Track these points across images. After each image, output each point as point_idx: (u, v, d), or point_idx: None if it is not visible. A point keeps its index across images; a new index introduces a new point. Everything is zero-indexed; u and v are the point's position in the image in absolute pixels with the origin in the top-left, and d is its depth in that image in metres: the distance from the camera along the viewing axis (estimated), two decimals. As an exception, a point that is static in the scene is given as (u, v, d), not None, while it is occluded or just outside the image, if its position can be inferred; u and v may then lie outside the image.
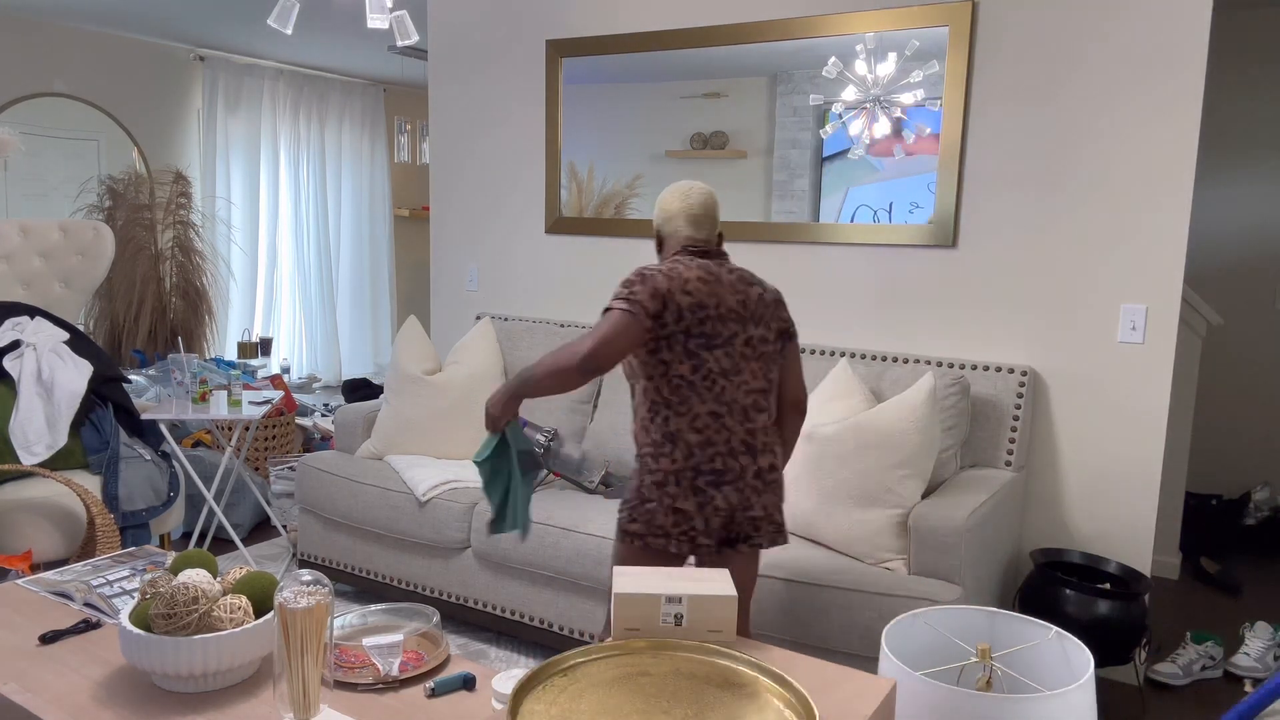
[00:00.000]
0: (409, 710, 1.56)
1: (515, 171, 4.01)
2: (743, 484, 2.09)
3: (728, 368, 2.10)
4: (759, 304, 2.16)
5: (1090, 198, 2.88)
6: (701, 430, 2.08)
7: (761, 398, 2.13)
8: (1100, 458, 2.94)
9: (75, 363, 3.23)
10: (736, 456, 2.09)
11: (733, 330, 2.11)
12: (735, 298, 2.13)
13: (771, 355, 2.16)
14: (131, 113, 5.87)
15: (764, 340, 2.15)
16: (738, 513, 2.10)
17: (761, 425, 2.12)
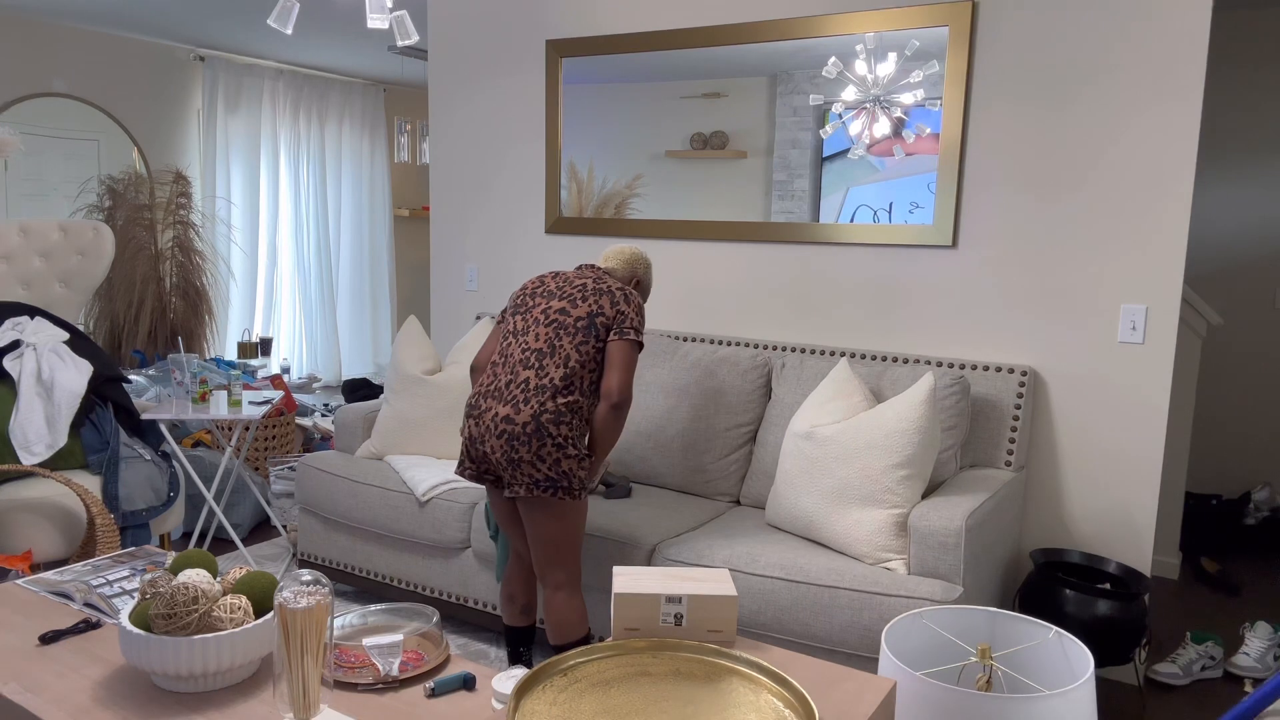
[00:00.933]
0: (409, 710, 1.56)
1: (515, 172, 4.01)
2: (482, 424, 2.41)
3: (520, 328, 2.50)
4: (574, 288, 2.51)
5: (1090, 197, 2.88)
6: (486, 373, 2.51)
7: (533, 356, 2.43)
8: (1100, 458, 2.94)
9: (75, 363, 3.23)
10: (487, 399, 2.44)
11: (538, 302, 2.52)
12: (555, 283, 2.54)
13: (568, 326, 2.45)
14: (131, 113, 5.87)
15: (562, 313, 2.47)
16: (477, 445, 2.43)
17: (521, 379, 2.41)
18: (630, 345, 2.46)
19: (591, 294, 2.48)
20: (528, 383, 2.40)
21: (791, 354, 3.27)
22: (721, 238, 3.50)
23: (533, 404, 2.37)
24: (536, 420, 2.36)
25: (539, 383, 2.39)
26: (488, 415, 2.41)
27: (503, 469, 2.40)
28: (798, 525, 2.75)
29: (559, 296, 2.49)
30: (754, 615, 2.55)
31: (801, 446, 2.74)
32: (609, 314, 2.47)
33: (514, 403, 2.38)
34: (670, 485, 3.26)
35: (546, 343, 2.43)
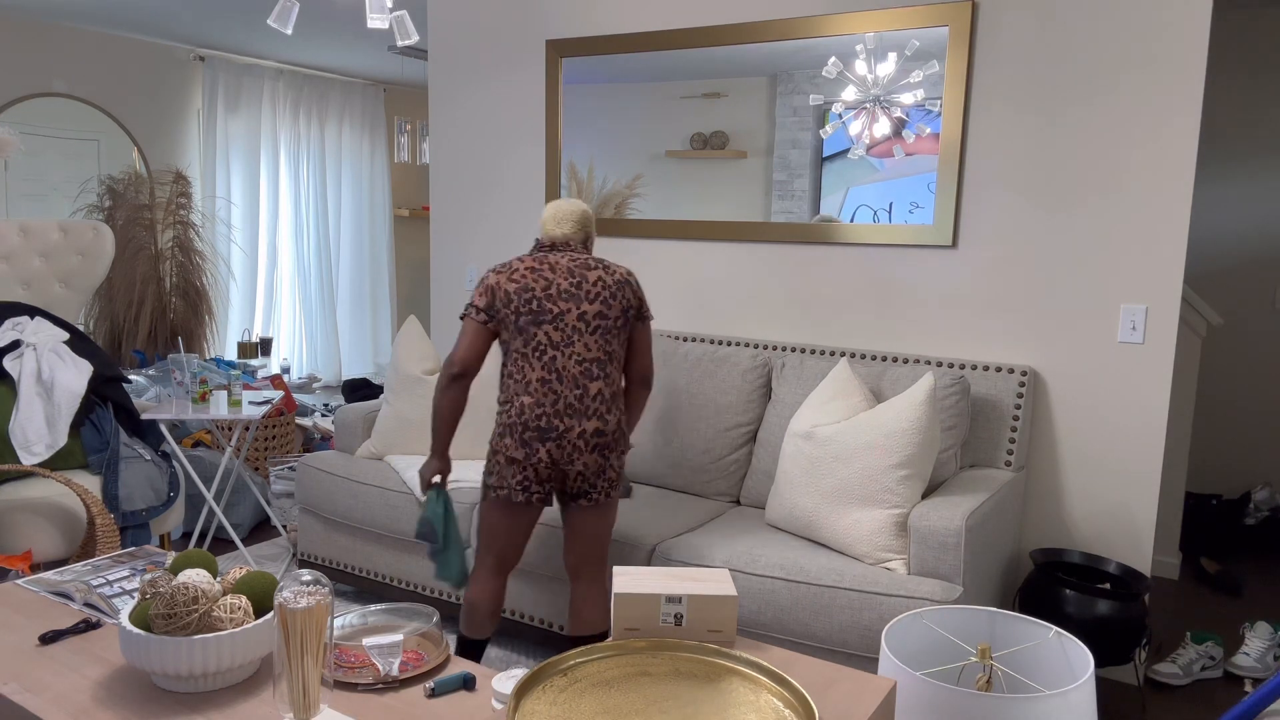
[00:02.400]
0: (409, 710, 1.56)
1: (515, 172, 4.01)
2: (565, 442, 2.38)
3: (558, 340, 2.41)
4: (596, 285, 2.47)
5: (1090, 197, 2.88)
6: (534, 393, 2.39)
7: (594, 366, 2.42)
8: (1100, 458, 2.94)
9: (75, 363, 3.23)
10: (562, 418, 2.38)
11: (565, 307, 2.42)
12: (568, 281, 2.45)
13: (611, 329, 2.45)
14: (131, 113, 5.87)
15: (601, 316, 2.45)
16: (561, 466, 2.40)
17: (594, 391, 2.41)
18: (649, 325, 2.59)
19: (613, 288, 2.48)
20: (601, 394, 2.41)
21: (791, 354, 3.27)
22: (721, 238, 3.50)
23: (615, 412, 2.44)
24: (620, 427, 2.45)
25: (612, 390, 2.43)
26: (572, 433, 2.38)
27: (588, 481, 2.43)
28: (798, 525, 2.75)
29: (587, 299, 2.45)
30: (754, 615, 2.55)
31: (801, 446, 2.74)
32: (634, 304, 2.52)
33: (599, 415, 2.40)
34: (670, 485, 3.26)
35: (601, 350, 2.43)
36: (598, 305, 2.45)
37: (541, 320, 2.42)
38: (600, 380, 2.41)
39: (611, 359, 2.44)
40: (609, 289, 2.47)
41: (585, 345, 2.42)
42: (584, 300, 2.44)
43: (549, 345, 2.41)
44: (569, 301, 2.43)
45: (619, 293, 2.48)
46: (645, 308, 2.55)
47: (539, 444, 2.38)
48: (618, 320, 2.47)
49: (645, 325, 2.56)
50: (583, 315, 2.43)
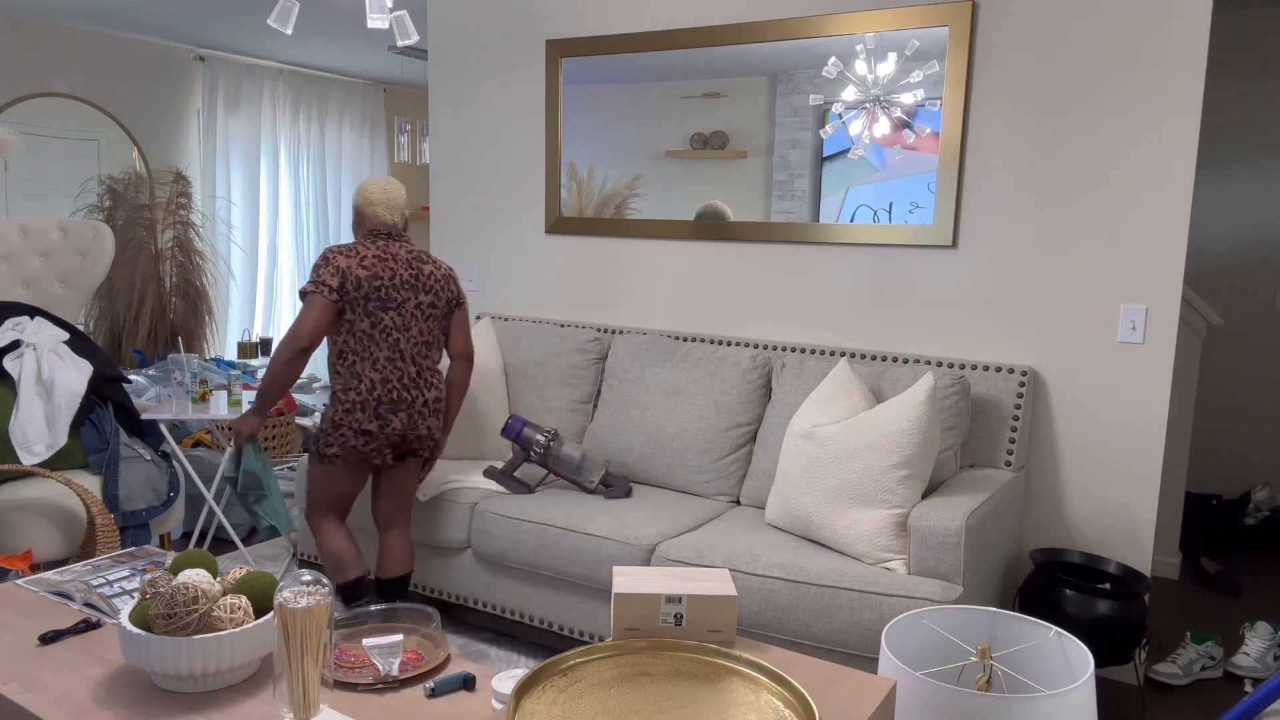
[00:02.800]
0: (409, 710, 1.56)
1: (515, 171, 4.01)
2: (414, 410, 2.82)
3: (400, 324, 2.80)
4: (430, 279, 2.87)
5: (1090, 198, 2.88)
6: (381, 370, 2.77)
7: (425, 347, 2.85)
8: (1100, 458, 2.94)
9: (75, 363, 3.23)
10: (409, 390, 2.81)
11: (406, 296, 2.81)
12: (408, 272, 2.83)
13: (438, 316, 2.89)
14: (131, 113, 5.87)
15: (432, 305, 2.87)
16: (409, 433, 2.83)
17: (429, 366, 2.87)
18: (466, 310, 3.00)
19: (442, 281, 2.91)
20: (434, 369, 2.89)
21: (791, 354, 3.27)
22: (721, 238, 3.50)
23: (443, 384, 2.93)
24: (444, 397, 2.93)
25: (434, 366, 2.89)
26: (418, 403, 2.83)
27: (425, 441, 2.90)
28: (798, 525, 2.75)
29: (423, 290, 2.85)
30: (754, 615, 2.55)
31: (801, 446, 2.74)
32: (455, 296, 2.95)
33: (435, 386, 2.88)
34: (670, 485, 3.26)
35: (431, 334, 2.87)
36: (430, 296, 2.86)
37: (388, 306, 2.78)
38: (430, 359, 2.88)
39: (437, 342, 2.91)
40: (439, 282, 2.90)
41: (420, 329, 2.84)
42: (421, 291, 2.84)
43: (394, 328, 2.79)
44: (409, 291, 2.82)
45: (445, 287, 2.92)
46: (463, 297, 2.98)
47: (392, 415, 2.79)
48: (443, 310, 2.91)
49: (463, 310, 2.98)
50: (419, 304, 2.84)
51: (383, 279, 2.77)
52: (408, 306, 2.81)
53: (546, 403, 3.57)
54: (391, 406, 2.78)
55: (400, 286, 2.80)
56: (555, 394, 3.56)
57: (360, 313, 2.75)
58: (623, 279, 3.78)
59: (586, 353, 3.57)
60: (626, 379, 3.40)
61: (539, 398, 3.58)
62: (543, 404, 3.57)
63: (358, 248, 2.79)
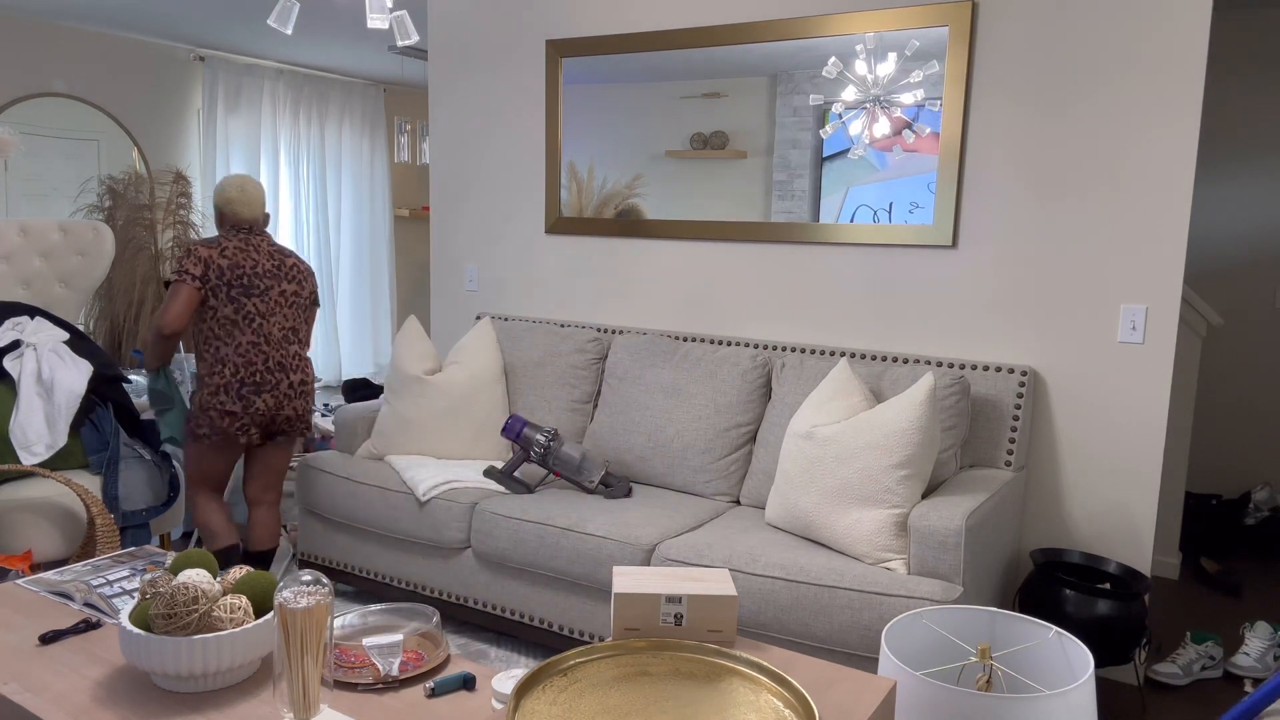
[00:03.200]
0: (409, 710, 1.56)
1: (515, 171, 4.01)
2: (279, 392, 3.02)
3: (264, 310, 2.97)
4: (293, 270, 3.07)
5: (1090, 198, 2.88)
6: (245, 354, 2.96)
7: (290, 333, 3.06)
8: (1100, 458, 2.94)
9: (75, 362, 3.23)
10: (274, 373, 3.00)
11: (269, 284, 3.00)
12: (270, 262, 3.01)
13: (301, 305, 3.09)
14: (131, 113, 5.87)
15: (295, 295, 3.07)
16: (275, 414, 3.03)
17: (293, 353, 3.06)
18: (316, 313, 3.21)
19: (305, 273, 3.12)
20: (298, 354, 3.09)
21: (791, 354, 3.27)
22: (721, 238, 3.50)
23: (308, 368, 3.14)
24: (310, 380, 3.14)
25: (299, 351, 3.10)
26: (283, 385, 3.03)
27: (293, 422, 3.11)
28: (798, 525, 2.75)
29: (286, 279, 3.04)
30: (754, 615, 2.55)
31: (801, 446, 2.74)
32: (314, 291, 3.17)
33: (300, 370, 3.09)
34: (670, 485, 3.26)
35: (294, 321, 3.07)
36: (294, 285, 3.06)
37: (250, 293, 2.95)
38: (295, 344, 3.08)
39: (299, 329, 3.10)
40: (302, 273, 3.10)
41: (284, 316, 3.03)
42: (284, 280, 3.03)
43: (257, 314, 2.96)
44: (272, 279, 3.00)
45: (307, 279, 3.12)
46: (318, 299, 3.20)
47: (255, 396, 2.98)
48: (305, 300, 3.12)
49: (316, 310, 3.20)
50: (283, 292, 3.03)
51: (244, 267, 2.96)
52: (271, 294, 2.99)
53: (546, 403, 3.57)
54: (255, 388, 2.97)
55: (263, 275, 2.99)
56: (555, 394, 3.56)
57: (223, 299, 2.93)
58: (623, 279, 3.78)
59: (586, 353, 3.57)
60: (626, 379, 3.40)
61: (539, 398, 3.58)
62: (543, 404, 3.57)
63: (220, 240, 2.99)
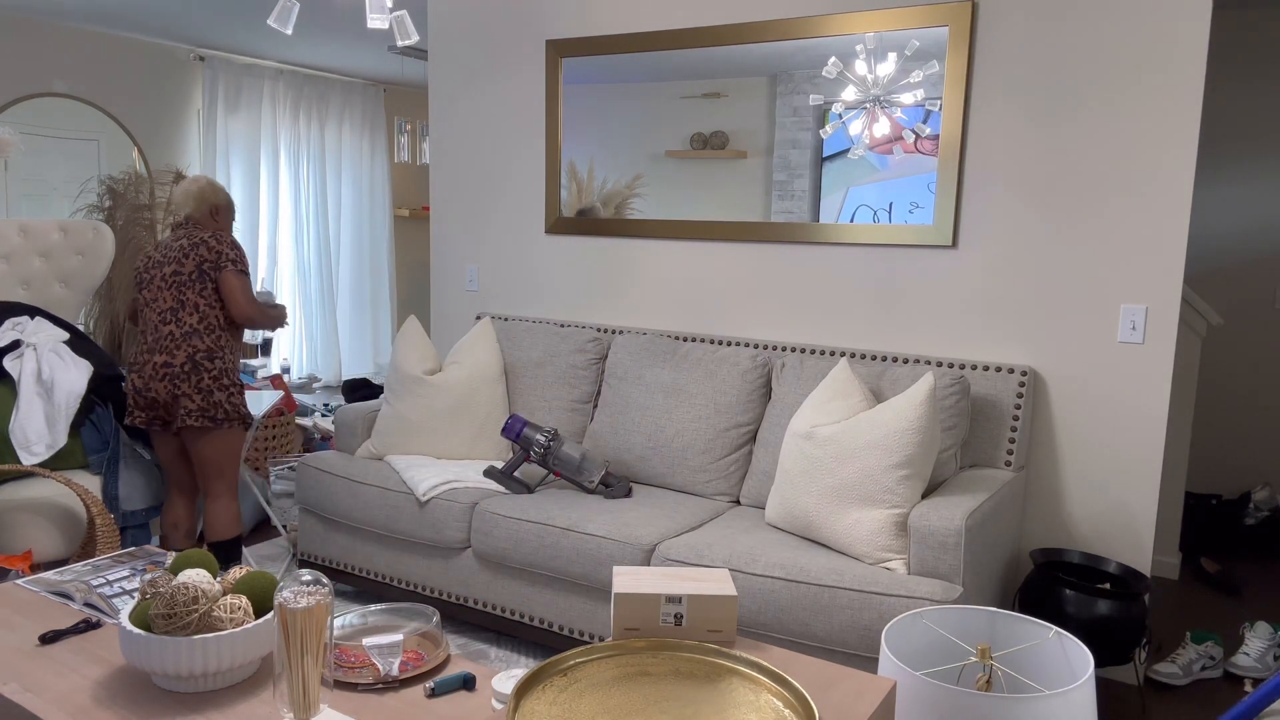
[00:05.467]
0: (409, 710, 1.56)
1: (515, 171, 4.01)
2: (144, 373, 3.03)
3: (149, 299, 3.09)
4: (176, 250, 3.08)
5: (1090, 198, 2.88)
6: (136, 341, 3.10)
7: (169, 314, 3.04)
8: (1100, 458, 2.94)
9: (75, 362, 3.23)
10: (144, 354, 3.06)
11: (153, 274, 3.09)
12: (159, 253, 3.10)
13: (185, 282, 3.05)
14: (131, 113, 5.87)
15: (176, 274, 3.06)
16: (144, 394, 3.03)
17: (165, 333, 3.03)
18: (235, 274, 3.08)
19: (187, 249, 3.06)
20: (172, 334, 3.02)
21: (791, 354, 3.27)
22: (721, 238, 3.50)
23: (185, 349, 3.01)
24: (192, 360, 3.01)
25: (183, 331, 3.03)
26: (148, 366, 3.02)
27: (170, 407, 3.04)
28: (798, 525, 2.75)
29: (168, 262, 3.07)
30: (754, 615, 2.55)
31: (801, 446, 2.74)
32: (209, 258, 3.07)
33: (167, 351, 3.01)
34: (670, 485, 3.26)
35: (175, 300, 3.04)
36: (173, 265, 3.06)
37: (141, 286, 3.12)
38: (172, 324, 3.03)
39: (184, 306, 3.04)
40: (184, 251, 3.07)
41: (163, 299, 3.05)
42: (166, 264, 3.08)
43: (144, 304, 3.11)
44: (156, 268, 3.09)
45: (192, 252, 3.06)
46: (222, 260, 3.07)
47: (130, 375, 3.08)
48: (192, 274, 3.05)
49: (225, 275, 3.07)
50: (164, 275, 3.07)
51: (140, 266, 3.14)
52: (154, 281, 3.08)
53: (546, 403, 3.57)
54: (131, 365, 3.10)
55: (150, 267, 3.11)
56: (555, 394, 3.56)
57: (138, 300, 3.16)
58: (623, 279, 3.78)
59: (586, 353, 3.57)
60: (626, 379, 3.40)
61: (539, 398, 3.58)
62: (543, 404, 3.57)
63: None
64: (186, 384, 3.00)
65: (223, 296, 3.08)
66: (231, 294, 3.08)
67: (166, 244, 3.11)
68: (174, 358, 2.99)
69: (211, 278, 3.06)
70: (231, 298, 3.08)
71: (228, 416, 3.07)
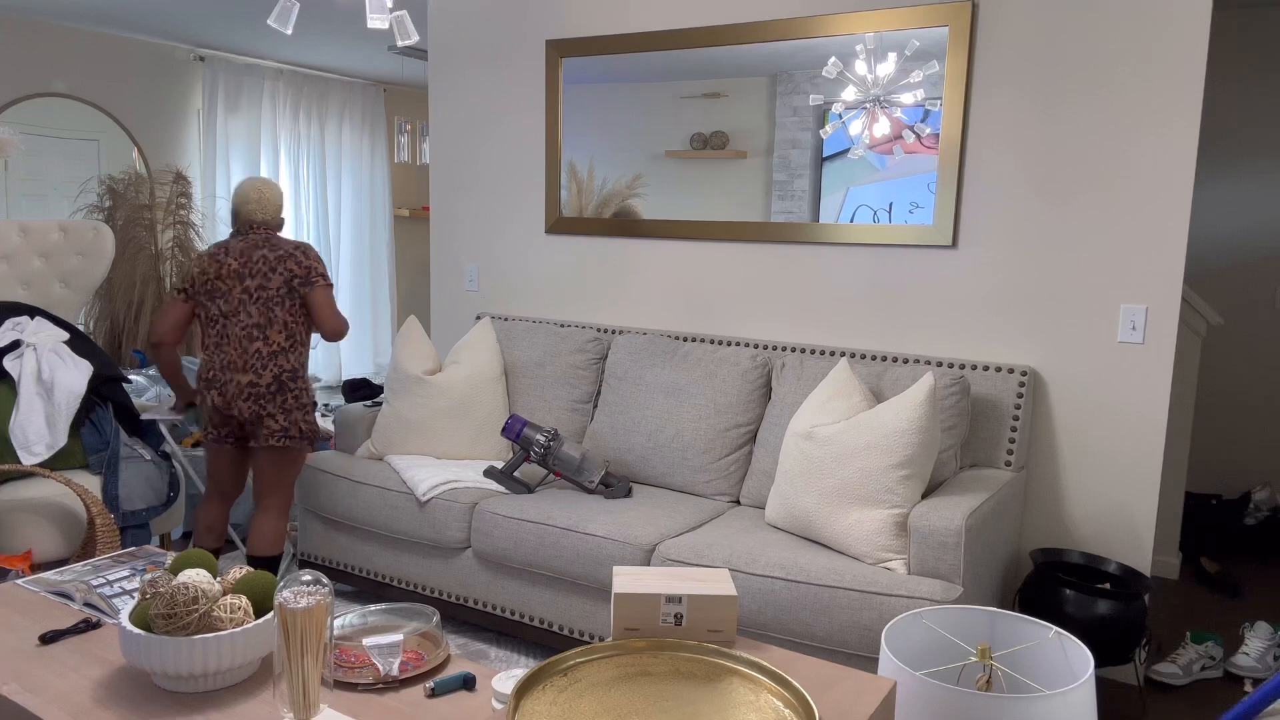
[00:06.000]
0: (409, 710, 1.56)
1: (515, 171, 4.01)
2: (226, 391, 2.98)
3: (227, 311, 2.99)
4: (259, 263, 2.98)
5: (1090, 197, 2.88)
6: (209, 352, 3.03)
7: (255, 330, 2.97)
8: (1100, 458, 2.94)
9: (75, 362, 3.23)
10: (225, 371, 2.98)
11: (230, 285, 2.99)
12: (237, 262, 2.99)
13: (272, 299, 2.98)
14: (131, 113, 5.87)
15: (261, 289, 2.98)
16: (225, 411, 3.00)
17: (253, 351, 2.97)
18: (324, 288, 3.04)
19: (273, 263, 2.99)
20: (259, 352, 2.97)
21: (791, 354, 3.27)
22: (721, 238, 3.50)
23: (272, 369, 2.98)
24: (278, 380, 2.99)
25: (270, 350, 2.98)
26: (231, 385, 2.97)
27: (250, 425, 3.02)
28: (798, 525, 2.75)
29: (250, 275, 2.98)
30: (754, 615, 2.55)
31: (801, 446, 2.74)
32: (299, 274, 3.00)
33: (254, 370, 2.96)
34: (670, 485, 3.26)
35: (262, 316, 2.97)
36: (258, 280, 2.97)
37: (215, 296, 3.01)
38: (259, 341, 2.97)
39: (273, 323, 2.98)
40: (269, 265, 2.98)
41: (247, 314, 2.97)
42: (247, 277, 2.98)
43: (219, 316, 3.01)
44: (234, 279, 2.99)
45: (277, 268, 2.98)
46: (312, 275, 3.01)
47: (207, 392, 3.02)
48: (280, 290, 2.98)
49: (315, 290, 3.01)
50: (245, 289, 2.98)
51: (210, 274, 3.02)
52: (234, 294, 2.99)
53: (546, 403, 3.57)
54: (208, 384, 3.02)
55: (226, 277, 3.00)
56: (555, 394, 3.56)
57: (204, 304, 3.04)
58: (623, 279, 3.78)
59: (586, 353, 3.57)
60: (626, 379, 3.41)
61: (539, 398, 3.58)
62: (543, 404, 3.57)
63: (211, 247, 3.08)
64: (272, 404, 2.98)
65: (312, 312, 3.02)
66: (323, 310, 3.03)
67: (242, 252, 2.99)
68: (260, 377, 2.96)
69: (300, 294, 3.01)
70: (323, 314, 3.03)
71: (302, 435, 3.07)
